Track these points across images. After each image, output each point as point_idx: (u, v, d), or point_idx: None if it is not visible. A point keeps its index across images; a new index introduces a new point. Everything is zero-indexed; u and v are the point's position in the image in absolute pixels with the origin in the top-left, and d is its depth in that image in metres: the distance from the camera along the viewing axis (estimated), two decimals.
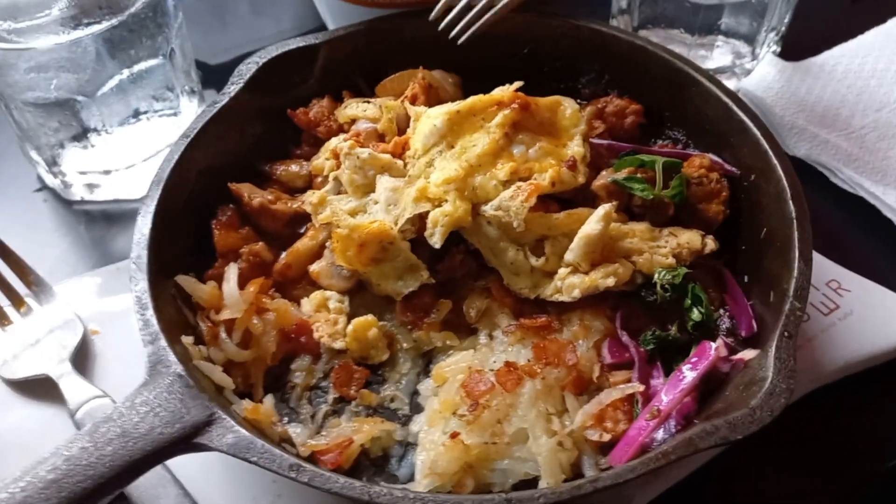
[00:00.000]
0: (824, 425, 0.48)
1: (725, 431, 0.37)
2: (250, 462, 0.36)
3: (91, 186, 0.60)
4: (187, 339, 0.43)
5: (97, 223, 0.60)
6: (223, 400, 0.41)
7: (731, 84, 0.65)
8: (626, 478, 0.36)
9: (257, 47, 0.65)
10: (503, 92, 0.50)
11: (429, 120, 0.49)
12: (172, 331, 0.42)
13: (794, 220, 0.45)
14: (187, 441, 0.37)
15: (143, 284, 0.43)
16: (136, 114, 0.59)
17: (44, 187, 0.62)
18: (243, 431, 0.37)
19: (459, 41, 0.54)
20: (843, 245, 0.55)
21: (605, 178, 0.50)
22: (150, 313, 0.41)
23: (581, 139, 0.50)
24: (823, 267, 0.53)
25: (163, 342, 0.40)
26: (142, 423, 0.37)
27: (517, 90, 0.50)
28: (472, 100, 0.50)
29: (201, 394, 0.38)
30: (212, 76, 0.67)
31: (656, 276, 0.47)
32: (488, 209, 0.47)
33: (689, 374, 0.43)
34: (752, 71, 0.65)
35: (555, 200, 0.49)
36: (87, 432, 0.37)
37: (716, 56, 0.66)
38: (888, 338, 0.49)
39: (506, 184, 0.47)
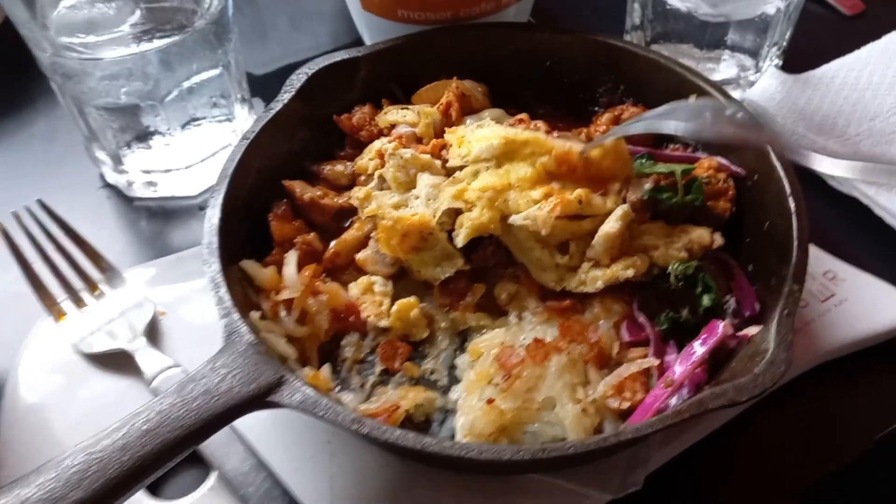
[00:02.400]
0: (821, 401, 0.53)
1: (732, 394, 0.42)
2: (318, 417, 0.42)
3: (151, 184, 0.66)
4: (255, 315, 0.48)
5: (156, 217, 0.66)
6: (287, 368, 0.46)
7: (736, 94, 0.71)
8: (645, 432, 0.41)
9: (297, 60, 0.70)
10: (561, 146, 0.53)
11: (488, 136, 0.54)
12: (241, 307, 0.47)
13: (794, 215, 0.50)
14: (261, 399, 0.42)
15: (215, 266, 0.48)
16: (194, 119, 0.65)
17: (107, 185, 0.68)
18: (310, 391, 0.42)
19: None
20: (838, 240, 0.60)
21: (635, 193, 0.55)
22: (224, 290, 0.47)
23: (621, 183, 0.53)
24: (820, 259, 0.58)
25: (236, 315, 0.46)
26: (222, 383, 0.42)
27: (578, 151, 0.53)
28: (530, 136, 0.54)
29: (271, 359, 0.44)
30: (257, 86, 0.72)
31: (670, 267, 0.52)
32: (517, 219, 0.51)
33: (699, 348, 0.48)
34: (755, 82, 0.70)
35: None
36: (174, 391, 0.42)
37: (722, 69, 0.71)
38: (879, 322, 0.55)
39: (537, 202, 0.52)
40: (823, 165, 0.64)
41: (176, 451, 0.41)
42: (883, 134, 0.67)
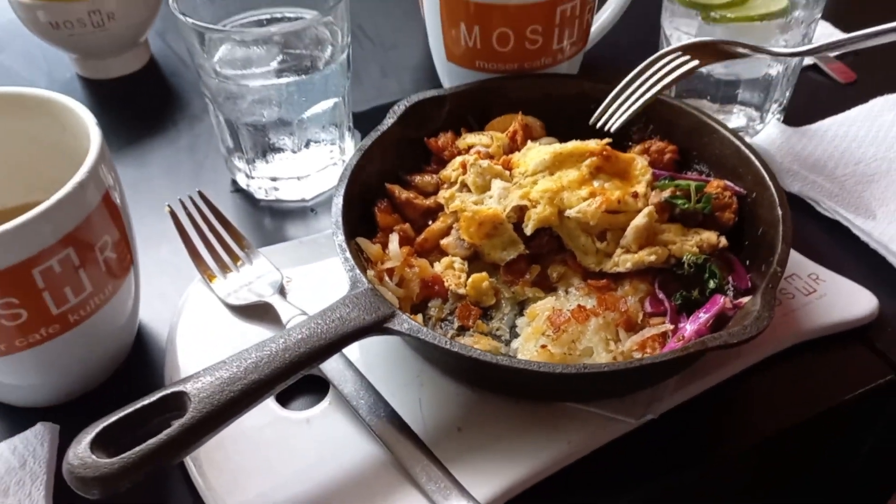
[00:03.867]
0: (802, 368, 0.67)
1: (726, 337, 0.56)
2: (420, 339, 0.57)
3: (274, 189, 0.83)
4: (369, 273, 0.64)
5: (277, 215, 0.83)
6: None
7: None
8: (660, 359, 0.55)
9: (386, 101, 0.88)
10: (596, 144, 0.71)
11: (539, 153, 0.71)
12: (360, 268, 0.63)
13: (780, 220, 0.65)
14: (379, 326, 0.57)
15: (341, 236, 0.64)
16: (312, 140, 0.82)
17: (238, 189, 0.85)
18: (414, 323, 0.58)
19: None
20: (823, 253, 0.74)
21: (657, 196, 0.71)
22: (348, 254, 0.63)
23: (646, 184, 0.71)
24: (807, 264, 0.73)
25: (357, 271, 0.62)
26: (351, 312, 0.58)
27: (606, 144, 0.71)
28: (571, 145, 0.71)
29: (385, 300, 0.60)
30: (355, 119, 0.89)
31: (685, 258, 0.67)
32: (571, 212, 0.68)
33: (703, 315, 0.63)
34: (760, 131, 0.87)
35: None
36: (318, 315, 0.57)
37: (733, 120, 0.87)
38: (850, 313, 0.68)
39: (585, 199, 0.69)
40: (814, 193, 0.80)
41: (319, 356, 0.56)
42: (865, 175, 0.82)
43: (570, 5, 0.80)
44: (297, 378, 0.56)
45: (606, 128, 0.75)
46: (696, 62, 0.73)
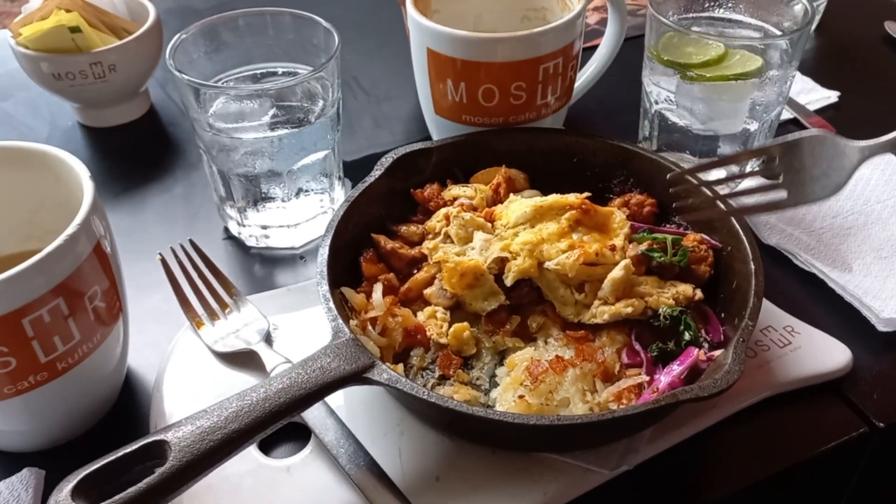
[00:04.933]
0: (775, 420, 0.68)
1: (697, 391, 0.57)
2: (400, 389, 0.58)
3: (265, 237, 0.85)
4: (352, 323, 0.66)
5: (267, 262, 0.84)
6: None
7: (723, 192, 0.89)
8: (633, 412, 0.57)
9: (378, 151, 0.90)
10: (575, 198, 0.73)
11: (521, 206, 0.73)
12: (343, 317, 0.65)
13: (752, 274, 0.67)
14: (359, 376, 0.59)
15: (325, 287, 0.66)
16: (303, 189, 0.84)
17: (230, 237, 0.87)
18: (394, 373, 0.59)
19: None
20: (799, 305, 0.76)
21: (634, 249, 0.73)
22: (331, 304, 0.65)
23: (624, 237, 0.73)
24: (783, 316, 0.74)
25: (340, 321, 0.63)
26: (332, 362, 0.59)
27: (584, 198, 0.73)
28: (552, 198, 0.73)
29: (366, 351, 0.61)
30: (347, 168, 0.91)
31: (661, 310, 0.68)
32: (550, 264, 0.70)
33: (677, 367, 0.64)
34: (740, 184, 0.89)
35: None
36: (299, 365, 0.59)
37: (713, 173, 0.89)
38: (824, 365, 0.70)
39: (564, 251, 0.71)
40: (791, 246, 0.81)
41: (299, 406, 0.57)
42: (842, 228, 0.84)
43: (553, 63, 0.83)
44: (277, 427, 0.57)
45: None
46: (783, 193, 0.69)
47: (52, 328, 0.56)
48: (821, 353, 0.71)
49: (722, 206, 0.72)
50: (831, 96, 1.04)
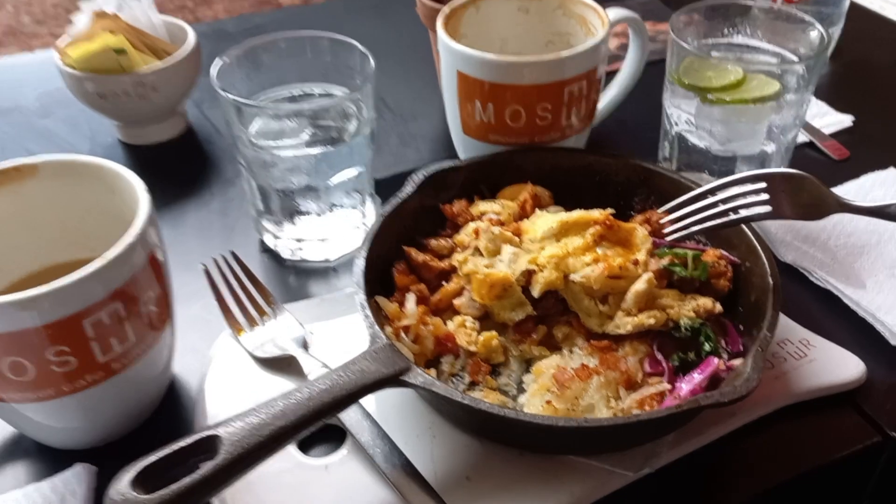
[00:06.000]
0: (793, 428, 0.71)
1: (718, 397, 0.60)
2: (434, 392, 0.61)
3: (299, 250, 0.89)
4: (387, 330, 0.70)
5: (301, 274, 0.88)
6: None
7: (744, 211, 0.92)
8: (655, 416, 0.60)
9: (405, 169, 0.94)
10: (599, 214, 0.76)
11: (547, 221, 0.77)
12: (378, 324, 0.68)
13: (771, 288, 0.70)
14: (396, 378, 0.62)
15: (362, 296, 0.69)
16: (336, 205, 0.88)
17: (266, 250, 0.91)
18: (429, 375, 0.63)
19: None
20: (814, 319, 0.78)
21: (656, 264, 0.76)
22: (369, 311, 0.68)
23: (646, 252, 0.76)
24: (799, 330, 0.77)
25: (377, 327, 0.67)
26: (370, 366, 0.62)
27: (609, 214, 0.76)
28: (577, 214, 0.76)
29: (402, 355, 0.64)
30: (376, 185, 0.95)
31: (682, 322, 0.71)
32: (576, 277, 0.73)
33: (698, 375, 0.67)
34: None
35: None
36: (340, 368, 0.62)
37: (730, 192, 0.93)
38: (839, 377, 0.72)
39: (589, 265, 0.74)
40: (807, 263, 0.84)
41: (340, 406, 0.60)
42: (856, 247, 0.87)
43: (578, 86, 0.86)
44: (318, 426, 0.60)
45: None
46: (768, 208, 0.74)
47: (110, 330, 0.60)
48: (835, 366, 0.73)
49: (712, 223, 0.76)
50: (845, 120, 1.07)
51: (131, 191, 0.66)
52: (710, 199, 0.77)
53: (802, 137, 1.04)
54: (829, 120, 1.07)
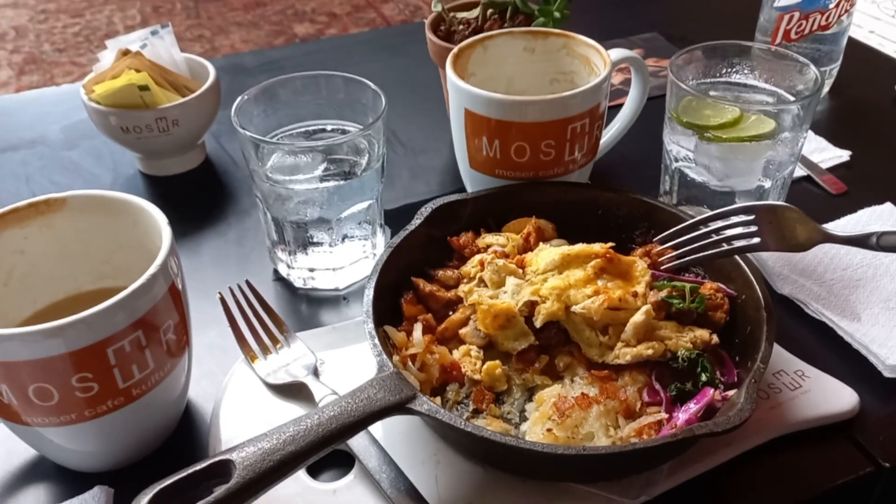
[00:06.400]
0: (787, 458, 0.73)
1: (712, 427, 0.63)
2: (438, 419, 0.64)
3: (311, 279, 0.93)
4: (395, 358, 0.72)
5: (313, 303, 0.91)
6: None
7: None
8: (651, 444, 0.62)
9: (415, 201, 0.97)
10: (600, 247, 0.80)
11: (550, 253, 0.80)
12: (386, 353, 0.71)
13: (764, 322, 0.73)
14: (402, 406, 0.65)
15: (371, 325, 0.72)
16: (347, 235, 0.92)
17: (279, 279, 0.95)
18: (434, 404, 0.65)
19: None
20: (810, 351, 0.81)
21: (654, 296, 0.79)
22: (377, 340, 0.71)
23: (645, 285, 0.79)
24: (794, 361, 0.79)
25: (385, 356, 0.70)
26: (377, 394, 0.65)
27: (609, 248, 0.80)
28: (579, 247, 0.79)
29: (408, 383, 0.67)
30: (386, 217, 0.99)
31: (679, 353, 0.74)
32: (577, 308, 0.76)
33: (694, 406, 0.70)
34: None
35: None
36: (348, 395, 0.65)
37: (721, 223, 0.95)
38: (833, 407, 0.74)
39: (590, 297, 0.77)
40: (803, 296, 0.87)
41: (348, 432, 0.63)
42: (851, 280, 0.89)
43: (581, 123, 0.90)
44: (328, 451, 0.63)
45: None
46: (757, 240, 0.77)
47: (131, 357, 0.63)
48: (830, 397, 0.76)
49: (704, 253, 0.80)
50: (843, 155, 1.10)
51: (154, 224, 0.70)
52: (703, 230, 0.80)
53: (800, 172, 1.07)
54: (827, 155, 1.10)
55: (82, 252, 0.75)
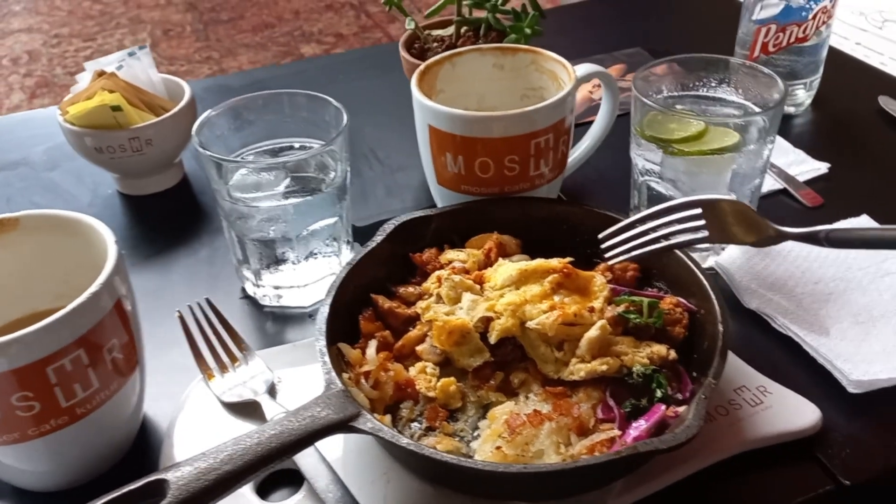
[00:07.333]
0: (747, 476, 0.71)
1: (657, 444, 0.61)
2: (383, 439, 0.63)
3: (278, 297, 0.93)
4: (344, 376, 0.72)
5: (278, 320, 0.91)
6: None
7: (711, 259, 0.93)
8: (594, 462, 0.61)
9: (388, 216, 0.97)
10: (558, 262, 0.80)
11: (507, 269, 0.79)
12: (336, 370, 0.71)
13: (720, 335, 0.71)
14: (345, 424, 0.64)
15: (322, 342, 0.72)
16: (313, 253, 0.92)
17: (246, 296, 0.95)
18: (378, 423, 0.65)
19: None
20: (774, 366, 0.79)
21: (611, 311, 0.78)
22: (327, 358, 0.71)
23: (603, 300, 0.79)
24: (756, 377, 0.78)
25: (333, 373, 0.69)
26: (322, 411, 0.65)
27: (567, 263, 0.80)
28: (536, 263, 0.79)
29: (354, 402, 0.67)
30: (359, 234, 0.98)
31: (635, 368, 0.73)
32: (531, 324, 0.75)
33: (644, 423, 0.68)
34: (723, 252, 0.93)
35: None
36: (291, 414, 0.64)
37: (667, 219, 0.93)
38: (794, 424, 0.73)
39: (545, 312, 0.76)
40: (770, 310, 0.85)
41: (289, 451, 0.63)
42: (822, 294, 0.88)
43: (545, 138, 0.89)
44: (270, 470, 0.63)
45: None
46: (704, 233, 0.77)
47: (73, 376, 0.63)
48: (791, 413, 0.74)
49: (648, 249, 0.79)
50: (821, 168, 1.09)
51: (103, 242, 0.70)
52: (647, 225, 0.79)
53: (777, 185, 1.05)
54: (805, 168, 1.09)
55: (40, 272, 0.76)
